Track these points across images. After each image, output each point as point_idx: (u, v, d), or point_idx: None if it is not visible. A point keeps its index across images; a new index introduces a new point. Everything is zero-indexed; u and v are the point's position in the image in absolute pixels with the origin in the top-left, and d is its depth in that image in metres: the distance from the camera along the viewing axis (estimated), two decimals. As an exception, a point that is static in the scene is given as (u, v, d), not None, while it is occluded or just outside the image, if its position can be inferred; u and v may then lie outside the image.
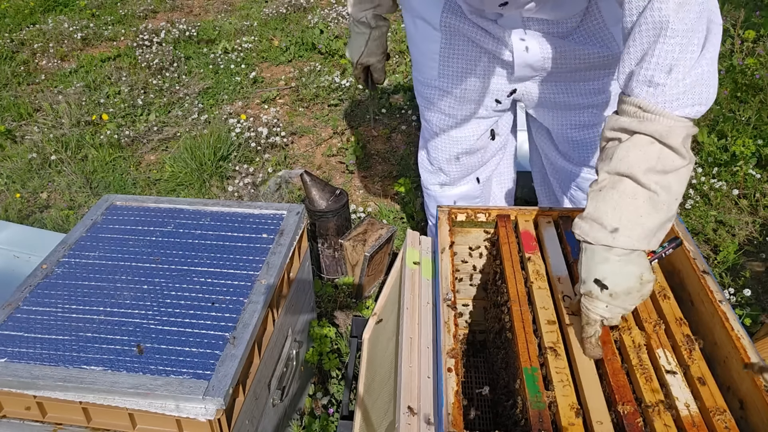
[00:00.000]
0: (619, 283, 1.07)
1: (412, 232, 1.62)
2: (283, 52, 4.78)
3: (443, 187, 2.07)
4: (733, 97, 3.25)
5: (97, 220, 1.73)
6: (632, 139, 1.07)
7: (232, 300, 1.44)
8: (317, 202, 2.36)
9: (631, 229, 1.06)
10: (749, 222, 2.68)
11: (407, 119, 3.74)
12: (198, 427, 1.22)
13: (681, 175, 1.06)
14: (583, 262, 1.12)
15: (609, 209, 1.07)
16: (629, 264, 1.08)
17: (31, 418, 1.30)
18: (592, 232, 1.09)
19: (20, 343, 1.33)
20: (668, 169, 1.05)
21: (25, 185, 3.33)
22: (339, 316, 2.37)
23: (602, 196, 1.09)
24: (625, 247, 1.07)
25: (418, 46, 1.77)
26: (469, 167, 1.99)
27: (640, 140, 1.06)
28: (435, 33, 1.66)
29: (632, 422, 1.02)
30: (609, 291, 1.08)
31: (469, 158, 1.96)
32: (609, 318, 1.11)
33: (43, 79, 4.56)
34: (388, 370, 1.45)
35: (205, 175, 3.25)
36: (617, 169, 1.07)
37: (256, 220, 1.73)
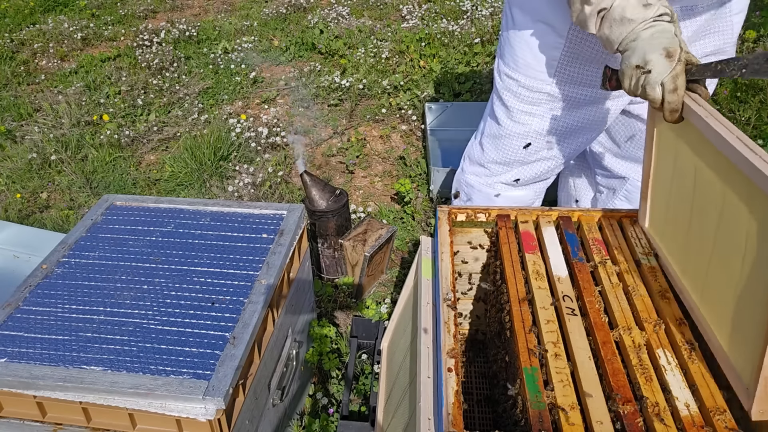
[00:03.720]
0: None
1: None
2: (283, 52, 4.78)
3: (508, 186, 2.01)
4: (733, 97, 3.25)
5: (97, 220, 1.73)
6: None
7: (232, 300, 1.44)
8: (317, 202, 2.36)
9: None
10: (749, 222, 2.68)
11: (407, 119, 3.74)
12: (198, 427, 1.22)
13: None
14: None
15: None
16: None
17: (31, 418, 1.30)
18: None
19: (20, 343, 1.33)
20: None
21: (25, 185, 3.33)
22: (339, 316, 2.37)
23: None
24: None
25: (531, 49, 1.70)
26: (540, 173, 1.95)
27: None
28: (558, 40, 1.60)
29: (632, 422, 1.02)
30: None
31: (544, 162, 1.92)
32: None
33: (43, 79, 4.56)
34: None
35: (205, 175, 3.25)
36: None
37: (256, 220, 1.73)
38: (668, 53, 1.20)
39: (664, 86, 1.18)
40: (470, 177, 2.07)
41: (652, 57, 1.21)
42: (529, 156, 1.90)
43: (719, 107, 3.19)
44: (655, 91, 1.20)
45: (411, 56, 4.42)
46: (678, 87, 1.18)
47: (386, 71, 4.28)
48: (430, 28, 4.81)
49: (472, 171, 2.06)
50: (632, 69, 1.24)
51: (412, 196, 2.90)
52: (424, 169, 3.26)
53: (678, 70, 1.19)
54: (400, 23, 5.12)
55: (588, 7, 1.32)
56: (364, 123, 3.79)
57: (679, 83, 1.18)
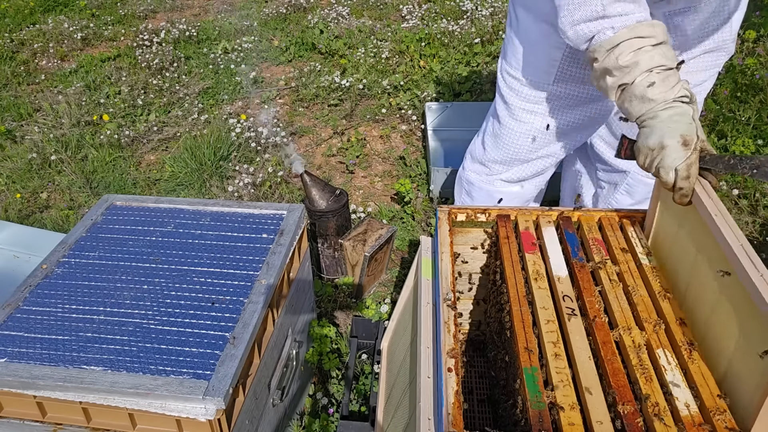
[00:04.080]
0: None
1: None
2: (283, 52, 4.78)
3: (507, 183, 2.04)
4: (733, 97, 3.25)
5: (97, 220, 1.73)
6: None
7: (232, 300, 1.44)
8: (317, 202, 2.36)
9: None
10: (749, 222, 2.68)
11: (407, 119, 3.74)
12: (198, 427, 1.22)
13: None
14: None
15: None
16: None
17: (31, 418, 1.30)
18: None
19: (20, 343, 1.33)
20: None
21: (25, 185, 3.33)
22: (339, 316, 2.37)
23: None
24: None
25: (534, 48, 1.71)
26: (540, 168, 1.97)
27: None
28: (560, 40, 1.60)
29: (632, 422, 1.02)
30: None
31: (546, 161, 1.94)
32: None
33: (43, 79, 4.56)
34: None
35: (205, 175, 3.25)
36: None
37: (256, 220, 1.73)
38: (685, 141, 1.23)
39: (677, 172, 1.22)
40: (471, 174, 2.09)
41: (669, 143, 1.24)
42: (530, 154, 1.91)
43: (719, 107, 3.19)
44: (669, 176, 1.24)
45: (411, 56, 4.42)
46: (691, 175, 1.21)
47: (386, 71, 4.28)
48: (430, 28, 4.81)
49: (473, 169, 2.08)
50: (648, 149, 1.27)
51: (412, 196, 2.90)
52: (424, 169, 3.26)
53: (693, 159, 1.21)
54: (400, 23, 5.12)
55: (610, 78, 1.35)
56: (364, 123, 3.79)
57: (692, 171, 1.21)
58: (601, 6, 1.34)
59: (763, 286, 0.97)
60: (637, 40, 1.31)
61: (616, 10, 1.34)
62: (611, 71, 1.35)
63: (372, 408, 1.79)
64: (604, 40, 1.35)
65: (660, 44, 1.31)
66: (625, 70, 1.32)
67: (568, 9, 1.39)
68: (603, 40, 1.35)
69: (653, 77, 1.29)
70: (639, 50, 1.31)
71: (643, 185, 1.95)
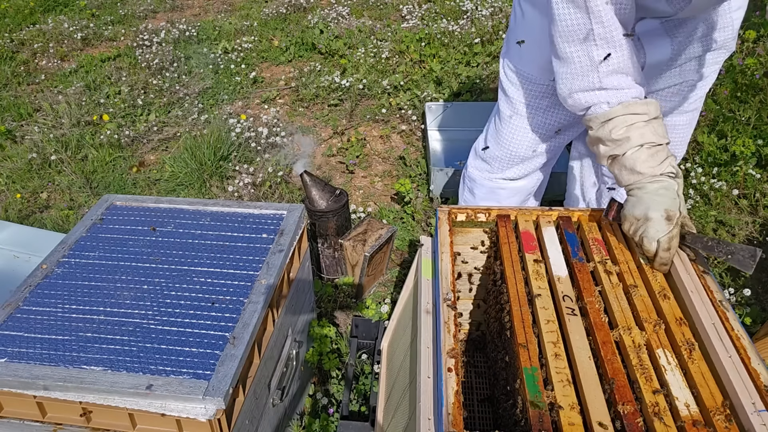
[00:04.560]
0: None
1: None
2: (283, 52, 4.78)
3: (506, 180, 2.07)
4: (733, 97, 3.25)
5: (97, 220, 1.73)
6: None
7: (232, 300, 1.44)
8: (317, 202, 2.36)
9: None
10: (749, 222, 2.68)
11: (407, 119, 3.74)
12: (198, 427, 1.22)
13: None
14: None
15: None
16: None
17: (31, 418, 1.30)
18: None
19: (20, 343, 1.33)
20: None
21: (25, 185, 3.33)
22: (339, 316, 2.37)
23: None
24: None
25: (538, 43, 1.72)
26: (540, 164, 2.00)
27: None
28: None
29: (632, 422, 1.02)
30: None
31: (545, 157, 1.97)
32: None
33: (43, 79, 4.56)
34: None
35: (205, 175, 3.25)
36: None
37: (256, 220, 1.73)
38: (668, 216, 1.32)
39: (659, 244, 1.31)
40: (473, 171, 2.12)
41: (653, 215, 1.32)
42: (530, 150, 1.92)
43: (719, 107, 3.18)
44: (651, 246, 1.32)
45: (411, 56, 4.42)
46: (671, 247, 1.31)
47: (386, 71, 4.28)
48: (430, 28, 4.81)
49: (475, 165, 2.11)
50: (634, 218, 1.36)
51: (412, 196, 2.90)
52: (424, 169, 3.26)
53: (675, 232, 1.31)
54: (400, 23, 5.12)
55: (603, 147, 1.44)
56: (364, 123, 3.79)
57: (673, 244, 1.31)
58: (598, 79, 1.40)
59: (729, 365, 1.07)
60: (631, 117, 1.37)
61: (612, 83, 1.40)
62: (604, 141, 1.42)
63: (372, 408, 1.79)
64: (600, 114, 1.41)
65: (652, 120, 1.37)
66: (618, 143, 1.39)
67: (567, 78, 1.46)
68: (598, 113, 1.42)
69: (643, 152, 1.36)
70: (631, 126, 1.37)
71: None
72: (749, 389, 1.03)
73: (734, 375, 1.05)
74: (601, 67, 1.40)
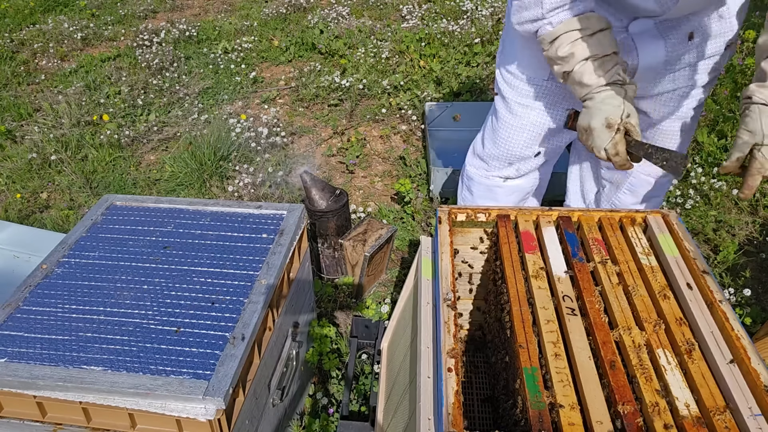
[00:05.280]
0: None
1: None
2: (283, 52, 4.78)
3: (504, 179, 2.07)
4: (733, 97, 3.25)
5: (97, 220, 1.73)
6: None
7: (232, 300, 1.44)
8: (317, 202, 2.36)
9: None
10: (749, 222, 2.68)
11: (407, 119, 3.74)
12: (198, 427, 1.22)
13: None
14: (760, 119, 1.35)
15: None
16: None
17: (31, 418, 1.30)
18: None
19: (20, 343, 1.33)
20: None
21: (25, 185, 3.33)
22: (339, 316, 2.37)
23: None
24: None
25: (531, 45, 1.74)
26: (537, 163, 2.01)
27: None
28: None
29: (632, 422, 1.02)
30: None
31: (541, 156, 1.97)
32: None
33: (43, 79, 4.56)
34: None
35: (205, 175, 3.25)
36: None
37: (256, 220, 1.73)
38: (608, 124, 1.43)
39: (606, 151, 1.44)
40: (470, 169, 2.13)
41: (595, 125, 1.45)
42: (526, 150, 1.93)
43: (719, 107, 3.18)
44: (601, 154, 1.45)
45: (411, 56, 4.42)
46: (619, 152, 1.44)
47: (386, 71, 4.28)
48: (430, 28, 4.81)
49: (473, 164, 2.12)
50: (582, 129, 1.50)
51: (412, 196, 2.90)
52: (424, 169, 3.26)
53: (617, 139, 1.43)
54: (400, 23, 5.12)
55: (556, 66, 1.54)
56: (364, 123, 3.79)
57: (619, 149, 1.44)
58: (540, 12, 1.49)
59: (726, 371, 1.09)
60: (574, 33, 1.45)
61: (553, 4, 1.47)
62: (555, 60, 1.51)
63: (372, 408, 1.79)
64: (546, 34, 1.50)
65: (596, 33, 1.44)
66: (565, 60, 1.48)
67: (517, 10, 1.54)
68: (544, 34, 1.51)
69: (589, 65, 1.45)
70: (575, 42, 1.46)
71: (646, 184, 1.96)
72: (746, 394, 1.03)
73: (731, 381, 1.06)
74: (545, 3, 1.47)
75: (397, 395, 1.54)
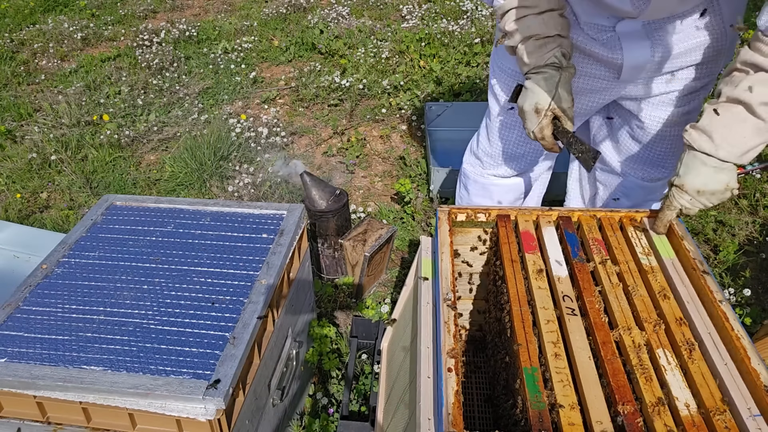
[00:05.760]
0: (709, 185, 1.33)
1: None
2: (283, 52, 4.78)
3: (499, 178, 2.08)
4: (733, 97, 3.25)
5: (97, 220, 1.73)
6: (758, 75, 1.25)
7: (232, 300, 1.44)
8: (317, 202, 2.36)
9: (732, 146, 1.29)
10: (749, 222, 2.68)
11: (407, 119, 3.74)
12: (198, 427, 1.22)
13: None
14: (685, 162, 1.37)
15: (719, 127, 1.30)
16: (721, 172, 1.33)
17: (31, 418, 1.30)
18: (700, 140, 1.33)
19: (20, 343, 1.33)
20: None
21: (25, 185, 3.33)
22: (339, 316, 2.37)
23: (718, 115, 1.31)
24: (723, 159, 1.31)
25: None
26: (531, 162, 2.00)
27: (765, 78, 1.25)
28: None
29: (632, 422, 1.02)
30: (698, 189, 1.34)
31: (535, 155, 1.97)
32: (688, 209, 1.38)
33: (43, 79, 4.56)
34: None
35: (205, 175, 3.25)
36: (738, 97, 1.27)
37: (256, 220, 1.73)
38: (536, 108, 1.48)
39: (534, 134, 1.51)
40: (467, 167, 2.15)
41: (526, 108, 1.50)
42: (518, 147, 1.94)
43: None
44: (531, 136, 1.52)
45: (411, 56, 4.42)
46: (545, 137, 1.50)
47: (386, 71, 4.28)
48: (430, 28, 4.81)
49: (469, 161, 2.13)
50: (519, 108, 1.54)
51: (412, 196, 2.90)
52: (424, 169, 3.26)
53: (544, 123, 1.49)
54: (400, 23, 5.12)
55: (507, 41, 1.55)
56: (364, 123, 3.79)
57: (545, 134, 1.50)
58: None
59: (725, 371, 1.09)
60: (522, 9, 1.45)
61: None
62: (504, 33, 1.52)
63: (372, 408, 1.79)
64: (498, 6, 1.51)
65: (544, 13, 1.44)
66: (511, 35, 1.49)
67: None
68: (497, 5, 1.51)
69: (530, 44, 1.46)
70: (521, 19, 1.46)
71: (639, 188, 1.95)
72: (744, 395, 1.04)
73: (730, 381, 1.06)
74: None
75: (397, 395, 1.54)
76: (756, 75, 1.26)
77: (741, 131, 1.28)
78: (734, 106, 1.29)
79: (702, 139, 1.33)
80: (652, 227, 1.45)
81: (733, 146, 1.29)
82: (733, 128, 1.29)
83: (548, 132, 1.50)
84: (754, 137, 1.28)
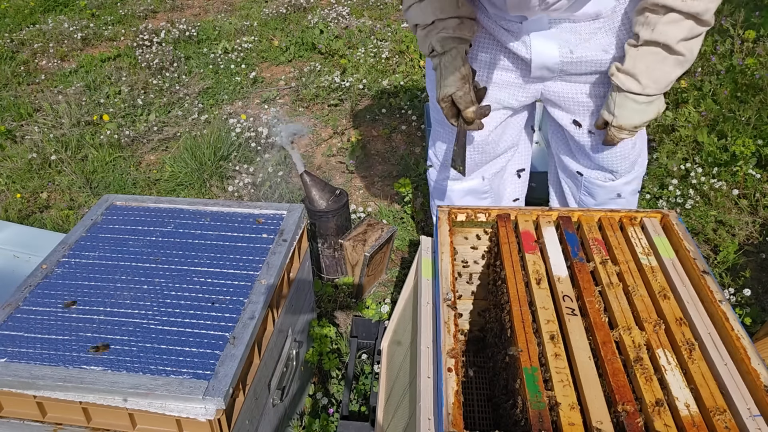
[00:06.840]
0: (644, 118, 1.51)
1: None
2: (283, 52, 4.78)
3: (452, 181, 2.06)
4: (733, 97, 3.25)
5: (97, 220, 1.73)
6: (671, 15, 1.34)
7: (232, 300, 1.44)
8: (317, 202, 2.36)
9: (657, 83, 1.44)
10: (749, 222, 2.68)
11: (407, 119, 3.74)
12: (198, 427, 1.22)
13: (702, 38, 1.40)
14: (618, 103, 1.51)
15: (644, 69, 1.43)
16: (652, 104, 1.49)
17: (31, 418, 1.30)
18: (628, 83, 1.47)
19: (20, 343, 1.33)
20: (695, 35, 1.38)
21: (25, 185, 3.33)
22: (339, 316, 2.37)
23: (640, 56, 1.43)
24: (651, 94, 1.46)
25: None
26: (476, 162, 1.97)
27: (677, 17, 1.34)
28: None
29: (632, 422, 1.02)
30: (636, 125, 1.52)
31: (476, 154, 1.94)
32: (629, 136, 1.57)
33: (43, 79, 4.56)
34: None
35: (205, 175, 3.25)
36: (657, 40, 1.38)
37: (256, 220, 1.73)
38: (436, 98, 1.59)
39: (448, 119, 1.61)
40: (431, 171, 2.16)
41: (431, 95, 1.64)
42: (444, 149, 1.97)
43: (719, 107, 3.18)
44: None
45: (411, 56, 4.42)
46: (447, 115, 1.60)
47: (386, 71, 4.28)
48: (430, 28, 4.81)
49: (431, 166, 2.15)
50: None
51: (412, 196, 2.90)
52: (424, 168, 3.26)
53: (445, 110, 1.58)
54: (400, 23, 5.12)
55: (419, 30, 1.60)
56: (364, 123, 3.79)
57: (452, 123, 1.61)
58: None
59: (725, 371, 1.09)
60: (407, 0, 1.53)
61: None
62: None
63: (372, 408, 1.79)
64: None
65: (422, 1, 1.50)
66: (409, 24, 1.58)
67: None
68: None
69: (419, 33, 1.55)
70: (408, 8, 1.54)
71: (598, 188, 1.92)
72: (744, 395, 1.04)
73: (730, 382, 1.06)
74: None
75: (397, 395, 1.54)
76: (668, 16, 1.35)
77: (663, 68, 1.41)
78: (653, 47, 1.39)
79: (629, 81, 1.45)
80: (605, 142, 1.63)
81: (658, 82, 1.43)
82: (656, 68, 1.41)
83: (450, 114, 1.58)
84: (675, 70, 1.41)
